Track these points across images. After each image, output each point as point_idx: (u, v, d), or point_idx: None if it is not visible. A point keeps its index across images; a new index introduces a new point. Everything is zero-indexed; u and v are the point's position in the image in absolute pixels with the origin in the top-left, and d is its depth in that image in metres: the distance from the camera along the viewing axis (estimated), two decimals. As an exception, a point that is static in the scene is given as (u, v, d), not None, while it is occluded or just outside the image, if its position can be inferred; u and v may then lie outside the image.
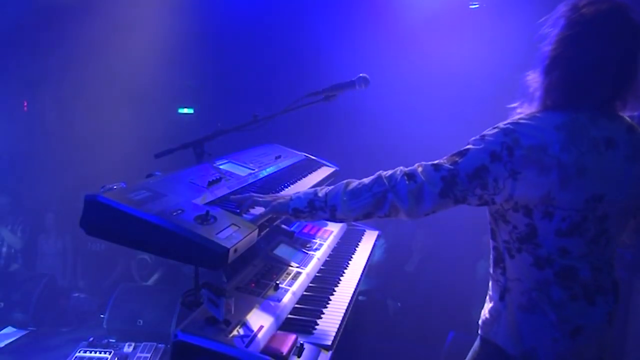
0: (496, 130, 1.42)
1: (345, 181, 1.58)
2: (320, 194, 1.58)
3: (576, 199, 1.38)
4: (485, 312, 1.61)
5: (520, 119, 1.44)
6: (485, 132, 1.44)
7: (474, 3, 4.35)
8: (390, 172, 1.51)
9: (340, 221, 1.63)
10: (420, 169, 1.47)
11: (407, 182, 1.45)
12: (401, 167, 1.50)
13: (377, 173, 1.53)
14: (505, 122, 1.44)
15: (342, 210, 1.54)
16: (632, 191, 1.46)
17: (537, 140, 1.37)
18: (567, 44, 1.41)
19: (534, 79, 1.49)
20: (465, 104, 3.90)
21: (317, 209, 1.57)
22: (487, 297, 1.63)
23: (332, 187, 1.58)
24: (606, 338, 1.53)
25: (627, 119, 1.49)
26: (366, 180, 1.54)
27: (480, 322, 1.63)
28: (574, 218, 1.40)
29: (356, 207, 1.52)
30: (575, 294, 1.46)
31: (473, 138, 1.46)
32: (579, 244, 1.43)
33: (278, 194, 1.72)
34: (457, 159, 1.43)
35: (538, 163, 1.36)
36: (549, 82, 1.44)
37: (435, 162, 1.47)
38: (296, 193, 1.63)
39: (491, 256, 1.60)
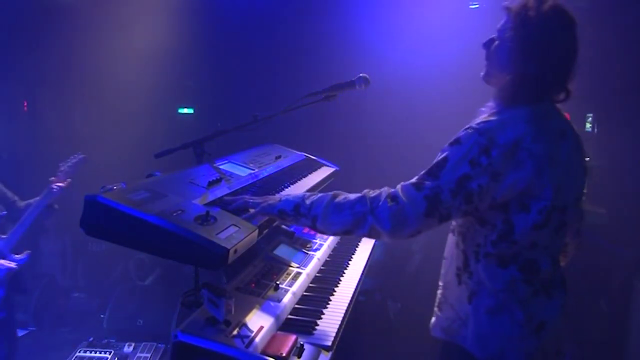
0: (470, 131, 1.42)
1: (333, 192, 1.54)
2: (307, 201, 1.54)
3: (549, 189, 1.41)
4: (449, 316, 1.61)
5: (490, 116, 1.46)
6: (458, 135, 1.44)
7: (474, 3, 4.35)
8: (375, 193, 1.48)
9: (322, 232, 1.60)
10: (401, 191, 1.43)
11: (388, 204, 1.41)
12: (386, 188, 1.47)
13: (364, 191, 1.50)
14: (477, 122, 1.44)
15: (322, 222, 1.51)
16: (579, 181, 1.54)
17: (510, 134, 1.39)
18: (527, 43, 1.43)
19: (497, 77, 1.53)
20: (467, 103, 3.90)
21: (301, 215, 1.54)
22: (446, 301, 1.63)
23: (321, 195, 1.54)
24: (560, 330, 1.59)
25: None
26: (352, 196, 1.50)
27: (443, 326, 1.62)
28: (548, 208, 1.42)
29: (336, 222, 1.49)
30: (536, 290, 1.50)
31: (448, 144, 1.44)
32: (545, 235, 1.47)
33: (270, 196, 1.69)
34: (437, 172, 1.41)
35: (514, 158, 1.38)
36: (511, 80, 1.46)
37: (415, 180, 1.44)
38: (287, 195, 1.61)
39: (456, 260, 1.59)
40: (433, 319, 1.69)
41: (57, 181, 2.99)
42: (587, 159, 1.61)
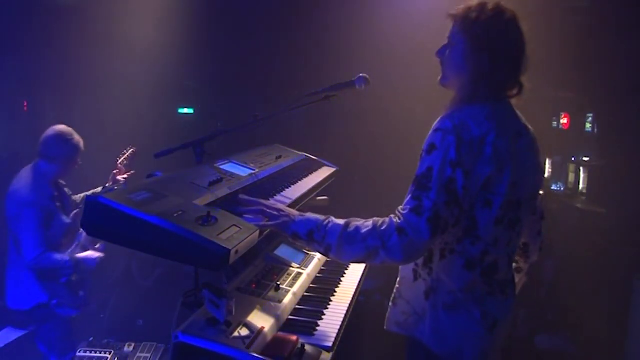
0: (440, 133, 1.44)
1: (345, 221, 1.51)
2: (321, 229, 1.51)
3: (505, 184, 1.45)
4: (404, 310, 1.63)
5: (452, 113, 1.47)
6: (432, 141, 1.45)
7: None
8: (385, 225, 1.43)
9: (334, 259, 1.60)
10: (405, 222, 1.40)
11: (398, 237, 1.40)
12: (392, 217, 1.44)
13: (373, 221, 1.47)
14: (442, 121, 1.46)
15: (335, 252, 1.50)
16: (533, 178, 1.58)
17: (475, 131, 1.43)
18: (476, 41, 1.49)
19: (453, 81, 1.58)
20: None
21: (314, 241, 1.52)
22: (401, 297, 1.65)
23: (333, 223, 1.51)
24: (509, 327, 1.64)
25: None
26: (363, 228, 1.46)
27: (399, 320, 1.64)
28: (503, 203, 1.47)
29: (348, 253, 1.48)
30: (493, 290, 1.54)
31: (425, 154, 1.45)
32: (502, 231, 1.51)
33: (287, 209, 1.65)
34: (426, 183, 1.41)
35: (481, 154, 1.42)
36: (468, 79, 1.51)
37: (412, 205, 1.41)
38: (302, 215, 1.57)
39: None
40: (388, 314, 1.71)
41: (120, 174, 3.13)
42: (587, 158, 1.62)
